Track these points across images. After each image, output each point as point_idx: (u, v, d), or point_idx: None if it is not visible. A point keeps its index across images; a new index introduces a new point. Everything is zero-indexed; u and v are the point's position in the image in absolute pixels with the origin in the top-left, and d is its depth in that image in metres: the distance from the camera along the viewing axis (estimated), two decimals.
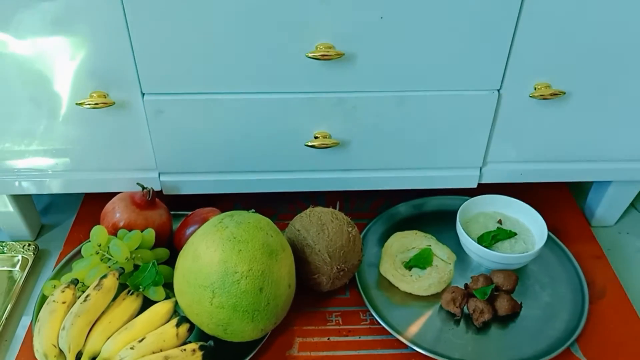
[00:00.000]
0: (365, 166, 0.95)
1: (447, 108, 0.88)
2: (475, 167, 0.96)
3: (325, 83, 0.85)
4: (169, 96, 0.85)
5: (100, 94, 0.83)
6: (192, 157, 0.92)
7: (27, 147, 0.89)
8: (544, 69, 0.85)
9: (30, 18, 0.76)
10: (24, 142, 0.89)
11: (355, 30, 0.80)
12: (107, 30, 0.78)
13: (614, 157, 0.96)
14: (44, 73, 0.81)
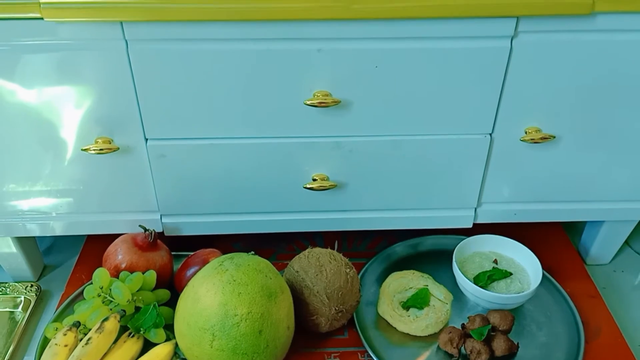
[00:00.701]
0: (362, 207, 0.97)
1: (441, 151, 0.91)
2: (470, 207, 0.99)
3: (322, 128, 0.88)
4: (172, 141, 0.88)
5: (105, 139, 0.86)
6: (194, 199, 0.94)
7: (32, 190, 0.92)
8: (533, 114, 0.88)
9: (39, 68, 0.80)
10: (30, 185, 0.91)
11: (351, 78, 0.83)
12: (113, 80, 0.81)
13: (606, 197, 0.98)
14: (51, 120, 0.84)
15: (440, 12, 0.76)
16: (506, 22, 0.79)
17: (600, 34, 0.80)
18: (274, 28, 0.78)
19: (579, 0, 0.76)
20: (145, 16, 0.75)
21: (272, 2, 0.74)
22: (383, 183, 0.94)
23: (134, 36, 0.77)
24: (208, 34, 0.78)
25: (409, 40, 0.80)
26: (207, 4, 0.74)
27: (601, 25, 0.79)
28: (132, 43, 0.78)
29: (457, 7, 0.76)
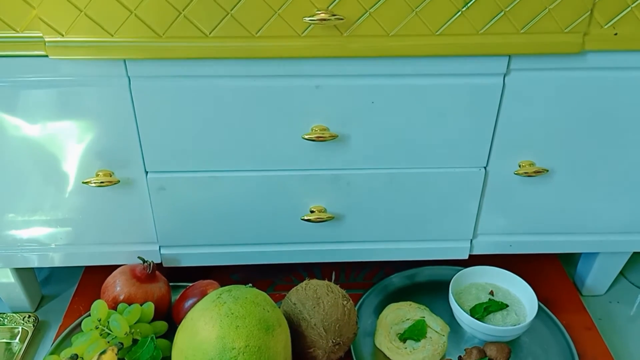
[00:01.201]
0: (359, 238, 0.98)
1: (436, 184, 0.92)
2: (465, 239, 1.00)
3: (320, 161, 0.89)
4: (171, 174, 0.89)
5: (106, 172, 0.87)
6: (192, 230, 0.95)
7: (33, 221, 0.93)
8: (527, 148, 0.90)
9: (42, 103, 0.81)
10: (30, 216, 0.92)
11: (349, 114, 0.85)
12: (115, 114, 0.83)
13: (600, 229, 0.99)
14: (53, 153, 0.86)
15: (435, 50, 0.79)
16: (498, 61, 0.81)
17: (590, 72, 0.83)
18: (274, 65, 0.80)
19: (569, 40, 0.78)
20: (149, 54, 0.77)
21: (272, 40, 0.77)
22: (380, 215, 0.96)
23: (136, 73, 0.79)
24: (209, 71, 0.80)
25: (404, 77, 0.82)
26: (208, 42, 0.76)
27: (591, 63, 0.82)
28: (135, 80, 0.80)
29: (451, 46, 0.78)
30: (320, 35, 0.77)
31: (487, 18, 0.76)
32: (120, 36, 0.75)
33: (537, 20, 0.76)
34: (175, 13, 0.74)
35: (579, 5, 0.76)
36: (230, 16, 0.75)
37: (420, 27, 0.77)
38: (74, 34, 0.74)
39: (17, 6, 0.73)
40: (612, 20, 0.78)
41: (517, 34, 0.78)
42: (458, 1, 0.75)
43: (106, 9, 0.73)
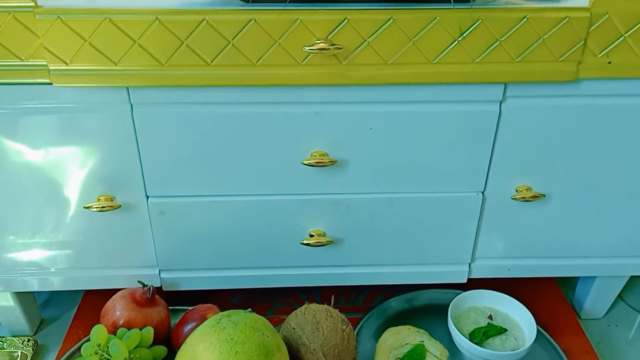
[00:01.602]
0: (359, 262, 0.99)
1: (435, 208, 0.93)
2: (464, 263, 1.00)
3: (320, 186, 0.90)
4: (172, 199, 0.90)
5: (107, 197, 0.88)
6: (192, 254, 0.96)
7: (33, 245, 0.93)
8: (524, 173, 0.91)
9: (45, 129, 0.83)
10: (31, 240, 0.93)
11: (347, 139, 0.86)
12: (117, 140, 0.84)
13: (597, 253, 1.00)
14: (55, 178, 0.87)
15: (432, 78, 0.80)
16: (495, 88, 0.83)
17: (585, 99, 0.84)
18: (274, 93, 0.81)
19: (564, 69, 0.80)
20: (151, 82, 0.78)
21: (272, 69, 0.78)
22: (379, 239, 0.96)
23: (139, 100, 0.81)
24: (210, 97, 0.81)
25: (402, 104, 0.84)
26: (210, 70, 0.78)
27: (586, 90, 0.83)
28: (137, 106, 0.81)
29: (447, 74, 0.80)
30: (319, 64, 0.78)
31: (483, 47, 0.78)
32: (124, 64, 0.76)
33: (532, 49, 0.78)
34: (177, 42, 0.76)
35: (573, 35, 0.77)
36: (232, 45, 0.76)
37: (418, 55, 0.78)
38: (78, 63, 0.76)
39: (23, 35, 0.75)
40: (606, 49, 0.79)
41: (512, 62, 0.79)
42: (454, 31, 0.76)
43: (110, 39, 0.75)
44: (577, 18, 0.76)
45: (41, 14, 0.73)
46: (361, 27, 0.76)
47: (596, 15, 0.77)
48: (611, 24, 0.77)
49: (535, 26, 0.77)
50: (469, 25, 0.76)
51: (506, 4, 0.78)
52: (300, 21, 0.75)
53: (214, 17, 0.74)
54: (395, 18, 0.75)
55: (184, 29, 0.75)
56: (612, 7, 0.76)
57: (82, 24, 0.73)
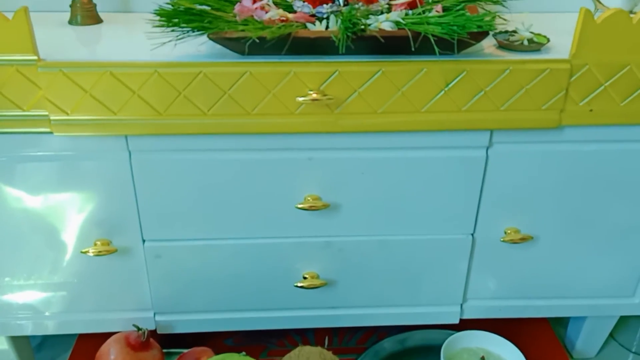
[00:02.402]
0: (352, 304, 1.00)
1: (426, 250, 0.95)
2: (456, 303, 1.01)
3: (313, 229, 0.92)
4: (168, 242, 0.91)
5: (104, 241, 0.89)
6: (187, 297, 0.96)
7: (29, 289, 0.94)
8: (512, 215, 0.93)
9: (44, 176, 0.85)
10: (26, 283, 0.93)
11: (340, 184, 0.88)
12: (115, 186, 0.86)
13: (587, 294, 1.01)
14: (53, 223, 0.88)
15: (420, 126, 0.83)
16: (481, 135, 0.86)
17: (568, 145, 0.87)
18: (268, 140, 0.84)
19: (547, 117, 0.83)
20: (149, 131, 0.81)
21: (267, 117, 0.81)
22: (371, 280, 0.98)
23: (137, 147, 0.83)
24: (206, 145, 0.84)
25: (392, 150, 0.86)
26: (206, 119, 0.80)
27: (569, 137, 0.86)
28: (135, 153, 0.84)
29: (435, 122, 0.83)
30: (312, 113, 0.81)
31: (469, 97, 0.81)
32: (123, 114, 0.79)
33: (516, 98, 0.81)
34: (175, 93, 0.78)
35: (555, 85, 0.81)
36: (228, 96, 0.79)
37: (406, 105, 0.81)
38: (78, 113, 0.78)
39: (25, 87, 0.77)
40: (587, 97, 0.83)
41: (497, 110, 0.82)
42: (440, 82, 0.80)
43: (110, 90, 0.77)
44: (558, 69, 0.80)
45: (44, 67, 0.75)
46: (352, 78, 0.79)
47: (576, 67, 0.80)
48: (591, 75, 0.81)
49: (518, 77, 0.80)
50: (454, 76, 0.79)
51: (490, 55, 0.82)
52: (293, 73, 0.78)
53: (211, 69, 0.77)
54: (384, 70, 0.79)
55: (181, 80, 0.78)
56: (591, 58, 0.80)
57: (84, 77, 0.76)
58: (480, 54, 0.82)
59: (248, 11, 0.81)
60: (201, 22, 0.75)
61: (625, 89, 0.82)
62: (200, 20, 0.75)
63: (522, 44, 0.83)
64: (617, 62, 0.80)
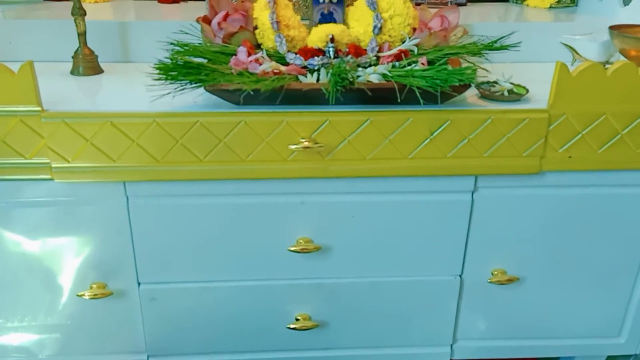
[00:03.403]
0: (343, 345, 1.01)
1: (415, 292, 0.97)
2: (446, 344, 1.03)
3: (305, 271, 0.94)
4: (163, 285, 0.93)
5: (100, 284, 0.91)
6: (181, 339, 0.98)
7: (23, 330, 0.95)
8: (498, 257, 0.96)
9: (43, 221, 0.87)
10: (20, 324, 0.94)
11: (331, 227, 0.91)
12: (112, 231, 0.88)
13: (574, 334, 1.03)
14: (50, 267, 0.90)
15: (407, 172, 0.87)
16: (466, 180, 0.89)
17: (550, 189, 0.91)
18: (262, 185, 0.87)
19: (528, 163, 0.87)
20: (147, 177, 0.84)
21: (260, 164, 0.84)
22: (363, 321, 0.99)
23: (134, 193, 0.86)
24: (201, 190, 0.87)
25: (381, 194, 0.90)
26: (203, 166, 0.84)
27: (550, 181, 0.90)
28: (133, 199, 0.86)
29: (422, 168, 0.86)
30: (304, 159, 0.85)
31: (453, 144, 0.85)
32: (122, 161, 0.82)
33: (498, 145, 0.85)
34: (173, 141, 0.82)
35: (534, 133, 0.85)
36: (223, 144, 0.83)
37: (394, 152, 0.85)
38: (79, 160, 0.81)
39: (28, 136, 0.80)
40: (566, 145, 0.87)
41: (480, 157, 0.86)
42: (426, 130, 0.84)
43: (111, 139, 0.81)
44: (537, 119, 0.84)
45: (47, 117, 0.79)
46: (341, 127, 0.83)
47: (554, 116, 0.84)
48: (569, 123, 0.85)
49: (500, 126, 0.84)
50: (439, 125, 0.83)
51: (472, 105, 0.86)
52: (286, 122, 0.82)
53: (207, 119, 0.81)
54: (372, 119, 0.83)
55: (179, 129, 0.81)
56: (568, 108, 0.84)
57: (85, 127, 0.80)
58: (463, 103, 0.86)
59: (243, 64, 0.85)
60: (198, 74, 0.79)
61: (601, 137, 0.86)
62: (197, 73, 0.79)
63: (503, 95, 0.87)
64: (593, 112, 0.84)
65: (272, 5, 0.93)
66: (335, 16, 0.98)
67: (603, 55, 0.99)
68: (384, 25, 0.94)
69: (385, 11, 0.94)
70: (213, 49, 0.90)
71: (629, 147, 0.87)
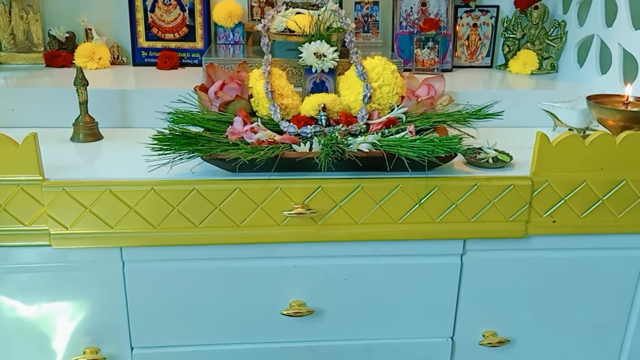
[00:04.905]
0: None
1: (408, 353, 0.98)
2: None
3: (298, 334, 0.95)
4: (156, 349, 0.93)
5: (93, 349, 0.91)
6: None
7: None
8: (489, 319, 0.97)
9: (39, 286, 0.88)
10: None
11: (324, 290, 0.93)
12: (107, 295, 0.89)
13: None
14: (44, 332, 0.90)
15: (398, 236, 0.89)
16: (455, 243, 0.92)
17: (536, 252, 0.93)
18: (255, 249, 0.89)
19: (514, 227, 0.90)
20: (144, 243, 0.85)
21: (254, 229, 0.86)
22: None
23: (130, 258, 0.88)
24: (196, 255, 0.88)
25: (372, 257, 0.92)
26: (198, 232, 0.86)
27: (536, 245, 0.93)
28: (129, 264, 0.88)
29: (411, 233, 0.89)
30: (297, 224, 0.87)
31: (441, 210, 0.88)
32: (119, 228, 0.84)
33: (484, 211, 0.88)
34: (169, 208, 0.84)
35: (519, 199, 0.88)
36: (219, 210, 0.85)
37: (384, 216, 0.88)
38: (77, 227, 0.83)
39: (29, 204, 0.82)
40: (550, 210, 0.90)
41: (468, 222, 0.89)
42: (414, 196, 0.87)
43: (109, 206, 0.83)
44: (521, 185, 0.87)
45: (48, 186, 0.81)
46: (333, 193, 0.86)
47: (537, 183, 0.88)
48: (551, 190, 0.88)
49: (486, 192, 0.87)
50: (427, 191, 0.86)
51: (459, 171, 0.90)
52: (280, 189, 0.85)
53: (204, 186, 0.84)
54: (363, 186, 0.86)
55: (176, 197, 0.84)
56: (550, 176, 0.88)
57: (85, 195, 0.82)
58: (450, 170, 0.90)
59: (239, 133, 0.88)
60: (196, 145, 0.83)
61: (583, 203, 0.89)
62: (194, 143, 0.83)
63: (488, 162, 0.91)
64: (573, 179, 0.88)
65: (267, 76, 0.98)
66: (327, 85, 1.03)
67: (583, 122, 1.04)
68: (373, 94, 0.99)
69: (374, 81, 0.99)
70: (210, 117, 0.94)
71: (610, 212, 0.90)
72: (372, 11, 1.32)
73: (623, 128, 0.92)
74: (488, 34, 1.36)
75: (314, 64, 1.01)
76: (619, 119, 0.92)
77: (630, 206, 0.90)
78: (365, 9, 1.32)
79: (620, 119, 0.92)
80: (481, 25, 1.35)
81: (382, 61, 1.01)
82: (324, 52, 1.00)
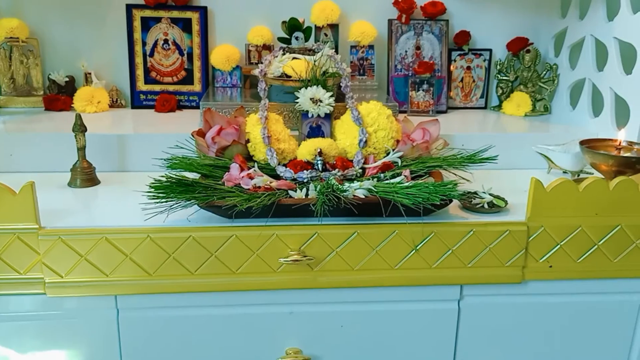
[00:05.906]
0: None
1: None
2: None
3: None
4: None
5: None
6: None
7: None
8: None
9: (31, 334, 0.87)
10: None
11: (320, 336, 0.92)
12: (101, 343, 0.88)
13: None
14: None
15: (394, 282, 0.89)
16: (452, 289, 0.91)
17: (533, 297, 0.93)
18: (251, 296, 0.89)
19: (510, 273, 0.90)
20: (139, 290, 0.85)
21: (250, 276, 0.86)
22: None
23: (125, 305, 0.87)
24: (191, 302, 0.88)
25: (369, 303, 0.91)
26: (193, 279, 0.85)
27: (533, 290, 0.93)
28: (123, 311, 0.87)
29: (408, 279, 0.89)
30: (293, 271, 0.87)
31: (437, 255, 0.88)
32: (114, 276, 0.84)
33: (481, 256, 0.88)
34: (165, 255, 0.84)
35: (515, 244, 0.88)
36: (214, 257, 0.85)
37: (380, 263, 0.87)
38: (72, 276, 0.83)
39: (24, 253, 0.82)
40: (546, 255, 0.90)
41: (464, 267, 0.89)
42: (411, 242, 0.87)
43: (105, 254, 0.83)
44: (516, 231, 0.88)
45: (44, 235, 0.81)
46: (330, 239, 0.86)
47: (533, 228, 0.88)
48: (547, 235, 0.89)
49: (482, 237, 0.87)
50: (423, 237, 0.86)
51: (455, 217, 0.90)
52: (276, 236, 0.85)
53: (200, 234, 0.84)
54: (359, 232, 0.86)
55: (172, 244, 0.84)
56: (545, 221, 0.88)
57: (81, 243, 0.82)
58: (446, 215, 0.90)
59: (235, 180, 0.89)
60: (192, 192, 0.83)
61: (579, 248, 0.89)
62: (191, 191, 0.83)
63: (483, 207, 0.91)
64: (569, 224, 0.88)
65: (264, 121, 0.99)
66: (323, 129, 1.04)
67: (577, 165, 1.05)
68: (369, 138, 1.00)
69: (369, 125, 1.01)
70: (207, 162, 0.95)
71: (605, 257, 0.90)
72: (367, 55, 1.34)
73: (616, 173, 0.93)
74: (482, 76, 1.38)
75: (310, 109, 1.02)
76: (612, 164, 0.93)
77: (626, 251, 0.90)
78: (360, 53, 1.34)
79: (614, 164, 0.93)
80: (474, 67, 1.38)
81: (377, 106, 1.03)
82: (320, 98, 1.02)
